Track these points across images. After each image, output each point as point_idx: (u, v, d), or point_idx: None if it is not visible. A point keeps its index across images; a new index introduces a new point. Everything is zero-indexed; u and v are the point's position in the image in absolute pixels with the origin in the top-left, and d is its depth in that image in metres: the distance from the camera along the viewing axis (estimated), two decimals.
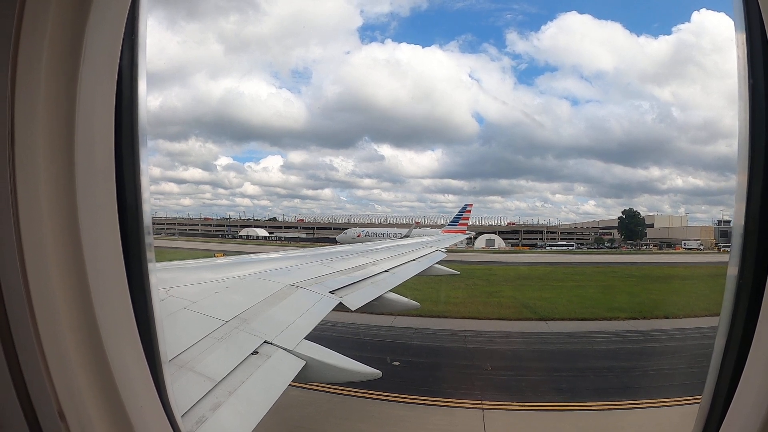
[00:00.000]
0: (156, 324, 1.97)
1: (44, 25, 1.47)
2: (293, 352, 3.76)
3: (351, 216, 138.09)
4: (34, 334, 1.52)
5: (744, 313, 1.73)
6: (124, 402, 1.72)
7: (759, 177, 1.68)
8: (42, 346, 1.53)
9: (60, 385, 1.57)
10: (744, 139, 1.72)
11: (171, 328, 3.61)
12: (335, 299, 6.03)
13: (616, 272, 44.18)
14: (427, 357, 16.64)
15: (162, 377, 1.97)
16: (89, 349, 1.64)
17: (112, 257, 1.73)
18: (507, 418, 11.49)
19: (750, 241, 1.73)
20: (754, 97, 1.69)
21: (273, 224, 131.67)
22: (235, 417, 2.71)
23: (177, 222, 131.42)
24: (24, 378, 1.53)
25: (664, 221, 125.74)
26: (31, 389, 1.54)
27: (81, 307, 1.62)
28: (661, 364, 15.79)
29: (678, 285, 37.02)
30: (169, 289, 4.34)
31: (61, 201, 1.57)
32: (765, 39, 1.58)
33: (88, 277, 1.62)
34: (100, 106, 1.67)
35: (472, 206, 77.00)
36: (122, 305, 1.77)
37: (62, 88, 1.54)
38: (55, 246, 1.55)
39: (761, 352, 1.62)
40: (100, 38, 1.61)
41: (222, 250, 50.20)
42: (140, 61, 1.83)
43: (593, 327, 21.45)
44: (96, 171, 1.67)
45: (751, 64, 1.68)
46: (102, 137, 1.69)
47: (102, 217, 1.70)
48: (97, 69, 1.62)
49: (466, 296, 28.29)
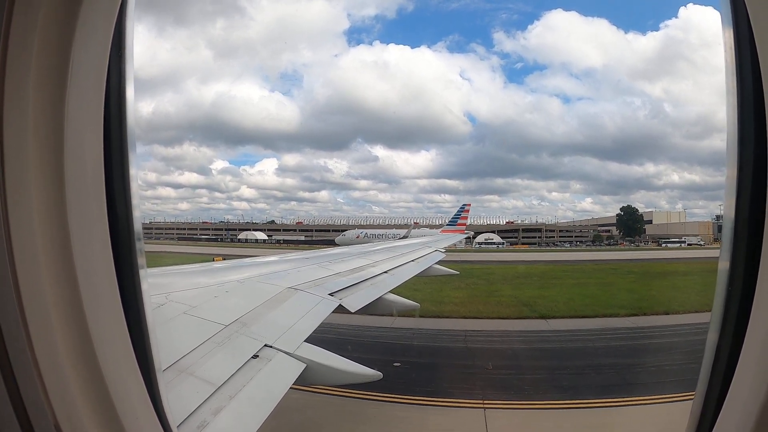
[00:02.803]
0: (149, 332, 1.96)
1: (32, 32, 1.47)
2: (294, 355, 3.76)
3: (349, 218, 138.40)
4: (28, 346, 1.52)
5: (736, 308, 1.73)
6: (119, 413, 1.72)
7: (748, 171, 1.68)
8: (37, 360, 1.53)
9: (55, 398, 1.57)
10: (733, 134, 1.73)
11: (171, 333, 3.61)
12: (335, 301, 6.04)
13: (615, 269, 44.20)
14: (428, 357, 16.61)
15: (157, 386, 1.97)
16: (83, 361, 1.64)
17: (103, 264, 1.73)
18: (509, 417, 11.48)
19: (741, 236, 1.73)
20: (742, 92, 1.69)
21: (272, 227, 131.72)
22: (236, 421, 2.71)
23: (176, 226, 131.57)
24: (20, 392, 1.53)
25: (662, 217, 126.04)
26: (27, 404, 1.54)
27: (73, 317, 1.61)
28: (662, 360, 15.79)
29: (679, 281, 37.02)
30: (169, 294, 4.34)
31: (51, 208, 1.56)
32: (752, 34, 1.58)
33: (80, 287, 1.62)
34: (89, 111, 1.67)
35: (470, 206, 77.20)
36: (114, 314, 1.76)
37: (51, 95, 1.54)
38: (45, 255, 1.55)
39: (754, 345, 1.62)
40: (88, 44, 1.61)
41: (221, 253, 50.13)
42: (128, 67, 1.83)
43: (593, 324, 21.44)
44: (86, 177, 1.66)
45: (739, 59, 1.69)
46: (91, 143, 1.69)
47: (92, 224, 1.69)
48: (86, 75, 1.62)
49: (465, 296, 28.25)
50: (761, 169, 1.63)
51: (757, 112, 1.61)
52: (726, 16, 1.73)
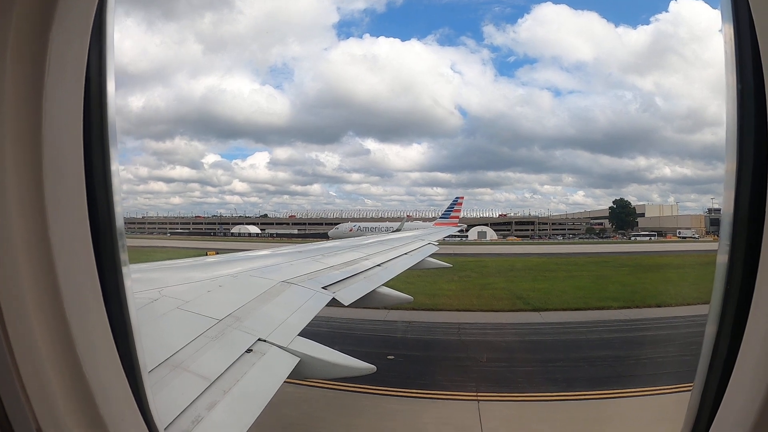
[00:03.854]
0: (134, 331, 1.93)
1: (7, 25, 1.43)
2: (287, 349, 3.76)
3: (342, 211, 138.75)
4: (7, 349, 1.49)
5: (735, 303, 1.73)
6: (102, 415, 1.70)
7: (748, 165, 1.68)
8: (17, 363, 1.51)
9: (37, 402, 1.55)
10: (732, 128, 1.73)
11: (164, 328, 3.60)
12: (328, 295, 6.04)
13: (608, 262, 44.46)
14: (422, 350, 16.70)
15: (143, 386, 1.94)
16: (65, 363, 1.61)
17: (84, 262, 1.69)
18: (502, 409, 11.54)
19: (740, 229, 1.73)
20: (742, 86, 1.69)
21: (264, 221, 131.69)
22: (231, 415, 2.70)
23: (168, 221, 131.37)
24: (0, 397, 1.52)
25: (654, 210, 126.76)
26: (8, 408, 1.52)
27: (53, 317, 1.58)
28: (654, 352, 15.92)
29: (671, 274, 37.30)
30: (162, 289, 4.32)
31: (29, 206, 1.53)
32: (753, 28, 1.58)
33: (60, 286, 1.58)
34: (68, 105, 1.63)
35: (463, 199, 77.31)
36: (97, 313, 1.73)
37: (28, 88, 1.50)
38: (24, 254, 1.52)
39: (754, 341, 1.62)
40: (66, 39, 1.57)
41: (214, 248, 50.08)
42: (109, 60, 1.79)
43: (586, 317, 21.57)
44: (65, 172, 1.63)
45: (739, 53, 1.68)
46: (70, 138, 1.65)
47: (72, 221, 1.66)
48: (64, 67, 1.58)
49: (459, 288, 28.35)
50: (761, 163, 1.63)
51: (757, 107, 1.61)
52: (726, 10, 1.72)
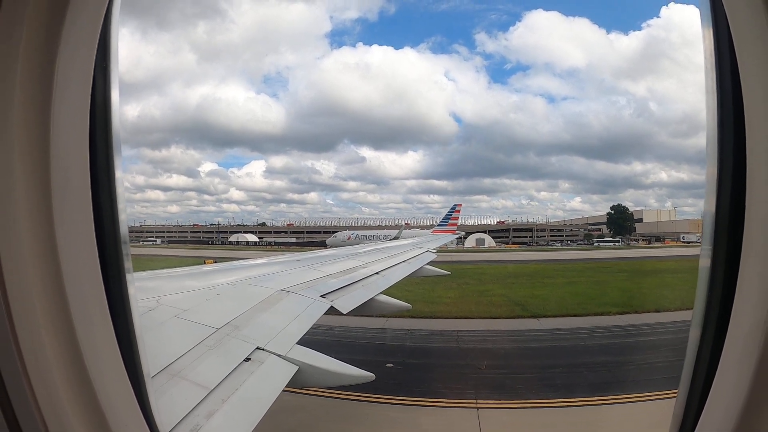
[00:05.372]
0: (138, 337, 1.95)
1: (18, 35, 1.46)
2: (286, 357, 3.76)
3: (339, 219, 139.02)
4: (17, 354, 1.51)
5: (717, 306, 1.75)
6: (108, 419, 1.72)
7: (728, 170, 1.70)
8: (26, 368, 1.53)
9: (45, 405, 1.57)
10: (712, 133, 1.75)
11: (163, 337, 3.59)
12: (326, 303, 6.03)
13: (606, 268, 44.43)
14: (421, 358, 16.64)
15: (146, 391, 1.97)
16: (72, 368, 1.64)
17: (90, 269, 1.72)
18: (502, 416, 11.51)
19: (721, 234, 1.75)
20: (721, 90, 1.72)
21: (262, 229, 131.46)
22: (229, 424, 2.70)
23: (166, 229, 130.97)
24: (10, 400, 1.53)
25: (652, 215, 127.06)
26: (18, 412, 1.54)
27: (60, 323, 1.61)
28: (652, 357, 15.90)
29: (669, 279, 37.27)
30: (160, 298, 4.32)
31: (37, 213, 1.55)
32: (730, 33, 1.61)
33: (67, 293, 1.61)
34: (75, 114, 1.66)
35: (461, 206, 77.52)
36: (102, 319, 1.75)
37: (36, 98, 1.53)
38: (32, 260, 1.54)
39: (736, 344, 1.64)
40: (75, 47, 1.60)
41: (212, 256, 49.97)
42: (113, 70, 1.82)
43: (585, 323, 21.55)
44: (72, 180, 1.65)
45: (718, 59, 1.71)
46: (77, 146, 1.67)
47: (79, 228, 1.68)
48: (72, 77, 1.61)
49: (457, 296, 28.30)
50: (740, 168, 1.65)
51: (735, 112, 1.64)
52: (705, 16, 1.75)
